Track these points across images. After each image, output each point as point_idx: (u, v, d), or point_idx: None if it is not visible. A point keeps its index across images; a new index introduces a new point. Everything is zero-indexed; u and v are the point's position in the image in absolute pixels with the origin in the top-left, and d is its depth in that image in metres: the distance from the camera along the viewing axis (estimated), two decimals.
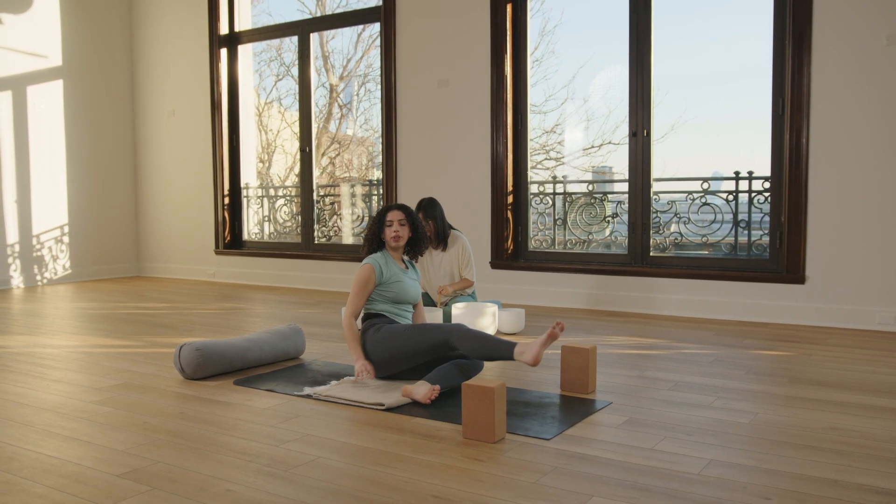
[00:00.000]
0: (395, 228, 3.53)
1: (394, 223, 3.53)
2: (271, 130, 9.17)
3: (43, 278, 7.53)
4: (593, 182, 6.12)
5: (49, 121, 7.56)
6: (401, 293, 3.50)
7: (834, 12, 4.78)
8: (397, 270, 3.53)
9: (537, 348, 2.98)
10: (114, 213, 8.22)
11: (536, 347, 2.98)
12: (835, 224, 4.86)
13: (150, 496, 2.14)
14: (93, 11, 7.91)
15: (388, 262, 3.52)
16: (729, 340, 4.42)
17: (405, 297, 3.53)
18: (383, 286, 3.48)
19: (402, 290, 3.51)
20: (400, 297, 3.51)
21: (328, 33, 8.14)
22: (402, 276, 3.54)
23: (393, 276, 3.49)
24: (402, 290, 3.51)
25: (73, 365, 3.88)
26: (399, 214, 3.56)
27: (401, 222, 3.55)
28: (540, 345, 2.98)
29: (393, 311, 3.51)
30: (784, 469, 2.32)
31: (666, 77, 5.64)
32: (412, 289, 3.57)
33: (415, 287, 3.60)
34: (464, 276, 4.79)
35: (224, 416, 2.93)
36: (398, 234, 3.53)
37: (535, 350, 2.98)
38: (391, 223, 3.54)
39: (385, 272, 3.48)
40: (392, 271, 3.51)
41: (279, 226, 7.81)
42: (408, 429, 2.75)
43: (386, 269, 3.49)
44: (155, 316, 5.49)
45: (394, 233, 3.53)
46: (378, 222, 3.57)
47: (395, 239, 3.53)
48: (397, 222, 3.54)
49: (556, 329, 2.96)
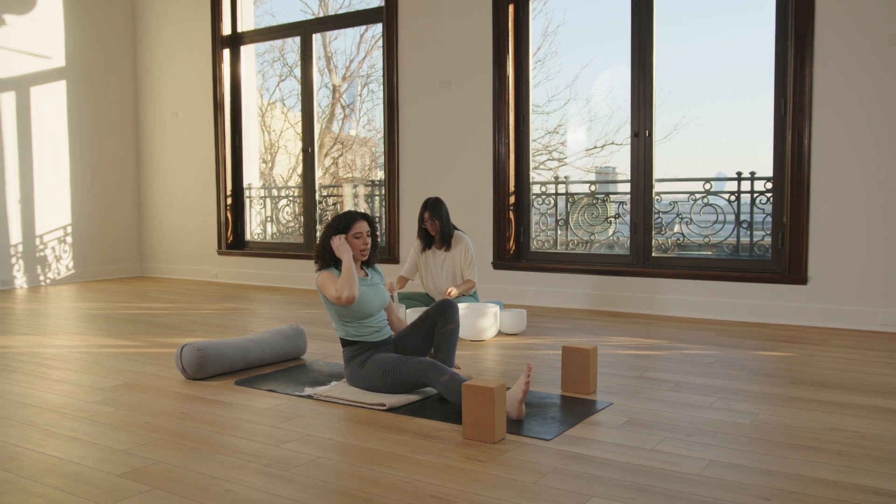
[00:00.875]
0: (364, 240, 3.32)
1: (363, 235, 3.32)
2: (274, 131, 9.17)
3: (46, 279, 7.55)
4: (595, 182, 6.12)
5: (52, 121, 7.58)
6: (364, 306, 3.26)
7: (836, 12, 4.77)
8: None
9: (518, 405, 2.81)
10: (117, 213, 8.24)
11: (517, 404, 2.81)
12: (837, 224, 4.85)
13: (149, 496, 2.14)
14: (96, 12, 7.93)
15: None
16: (730, 341, 4.41)
17: (369, 308, 3.29)
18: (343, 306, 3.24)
19: (365, 303, 3.27)
20: (364, 310, 3.26)
21: (331, 34, 8.15)
22: (362, 286, 3.31)
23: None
24: (365, 301, 3.27)
25: (75, 365, 3.89)
26: (366, 225, 3.34)
27: (368, 234, 3.34)
28: (519, 401, 2.80)
29: (364, 331, 3.29)
30: (784, 470, 2.31)
31: (669, 78, 5.64)
32: (376, 298, 3.34)
33: (378, 294, 3.37)
34: (466, 278, 4.78)
35: (225, 416, 2.94)
36: (368, 245, 3.34)
37: (518, 407, 2.81)
38: (360, 235, 3.31)
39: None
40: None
41: (282, 226, 7.82)
42: (408, 429, 2.75)
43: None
44: (157, 316, 5.50)
45: (364, 245, 3.32)
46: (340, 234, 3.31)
47: (364, 252, 3.34)
48: (366, 234, 3.33)
49: (527, 377, 2.81)
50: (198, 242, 8.02)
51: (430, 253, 4.88)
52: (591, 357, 3.25)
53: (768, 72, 5.10)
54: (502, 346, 4.33)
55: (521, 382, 2.81)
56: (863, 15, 4.70)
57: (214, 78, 7.71)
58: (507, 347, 4.28)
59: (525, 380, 2.80)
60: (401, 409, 2.99)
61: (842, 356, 3.99)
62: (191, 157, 8.02)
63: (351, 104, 9.03)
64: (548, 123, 6.63)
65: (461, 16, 6.19)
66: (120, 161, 8.25)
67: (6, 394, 3.31)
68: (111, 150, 8.15)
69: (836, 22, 4.77)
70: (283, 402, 3.13)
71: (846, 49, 4.76)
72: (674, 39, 5.66)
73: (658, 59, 5.53)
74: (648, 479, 2.24)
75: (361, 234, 3.32)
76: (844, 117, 4.79)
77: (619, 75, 5.84)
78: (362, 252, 3.33)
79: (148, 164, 8.37)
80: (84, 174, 7.87)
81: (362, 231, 3.32)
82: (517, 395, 2.81)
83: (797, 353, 4.06)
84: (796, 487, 2.17)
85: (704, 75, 5.77)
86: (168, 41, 8.09)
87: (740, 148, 5.57)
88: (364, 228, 3.33)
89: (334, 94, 8.97)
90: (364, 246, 3.32)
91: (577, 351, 3.24)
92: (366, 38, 8.43)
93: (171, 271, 8.26)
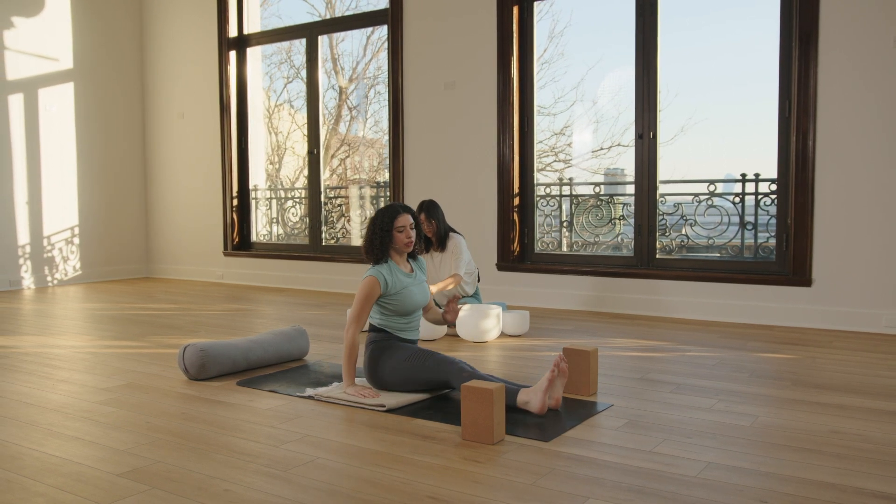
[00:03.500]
0: (407, 233, 3.29)
1: (406, 228, 3.29)
2: (281, 132, 9.21)
3: (53, 279, 7.60)
4: (600, 184, 6.11)
5: (60, 123, 7.63)
6: (406, 302, 3.26)
7: (841, 14, 4.76)
8: (403, 278, 3.29)
9: (541, 396, 2.87)
10: (124, 214, 8.28)
11: (540, 395, 2.87)
12: (841, 226, 4.83)
13: (148, 495, 2.16)
14: (103, 14, 7.98)
15: (392, 271, 3.27)
16: (734, 343, 4.40)
17: (412, 305, 3.29)
18: (387, 298, 3.24)
19: (409, 299, 3.27)
20: (406, 307, 3.27)
21: (338, 36, 8.18)
22: (409, 282, 3.30)
23: (398, 286, 3.25)
24: (409, 298, 3.27)
25: (79, 365, 3.91)
26: (409, 218, 3.32)
27: (412, 227, 3.32)
28: (543, 391, 2.87)
29: (397, 325, 3.29)
30: (782, 472, 2.31)
31: (675, 80, 5.63)
32: (419, 295, 3.33)
33: (422, 291, 3.36)
34: (452, 272, 4.77)
35: (226, 417, 2.95)
36: (412, 239, 3.31)
37: (542, 399, 2.87)
38: (403, 229, 3.29)
39: (391, 284, 3.24)
40: (398, 281, 3.26)
41: (288, 227, 7.84)
42: (407, 430, 2.76)
43: (391, 280, 3.24)
44: (162, 317, 5.52)
45: (408, 238, 3.29)
46: (386, 229, 3.29)
47: (409, 245, 3.31)
48: (409, 227, 3.31)
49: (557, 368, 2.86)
50: (204, 243, 8.06)
51: (427, 256, 4.89)
52: (592, 359, 3.25)
53: (773, 74, 5.09)
54: (504, 347, 4.33)
55: (550, 372, 2.89)
56: (867, 16, 4.68)
57: (221, 80, 7.75)
58: (510, 349, 4.28)
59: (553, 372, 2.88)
60: (400, 410, 3.00)
61: (845, 358, 3.97)
62: (197, 159, 8.05)
63: (358, 106, 9.06)
64: (554, 125, 6.64)
65: (466, 17, 6.20)
66: (127, 162, 8.30)
67: (10, 393, 3.34)
68: (118, 152, 8.20)
69: (841, 24, 4.76)
70: (284, 403, 3.15)
71: (850, 51, 4.74)
72: (681, 43, 5.66)
73: (665, 62, 5.53)
74: (646, 481, 2.24)
75: (404, 228, 3.30)
76: (849, 119, 4.77)
77: (625, 77, 5.83)
78: (406, 245, 3.31)
79: (154, 165, 8.41)
80: (91, 175, 7.92)
81: (405, 224, 3.30)
82: (542, 386, 2.88)
83: (800, 356, 4.04)
84: (794, 490, 2.17)
85: (710, 78, 5.77)
86: (175, 43, 8.12)
87: (745, 150, 5.56)
88: (407, 222, 3.31)
89: (341, 96, 9.00)
90: (408, 239, 3.30)
91: (578, 353, 3.24)
92: (372, 40, 8.46)
93: (178, 272, 8.29)
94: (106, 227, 8.08)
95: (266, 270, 7.60)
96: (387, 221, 3.30)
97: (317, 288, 7.18)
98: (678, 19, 5.60)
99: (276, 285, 7.49)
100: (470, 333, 4.44)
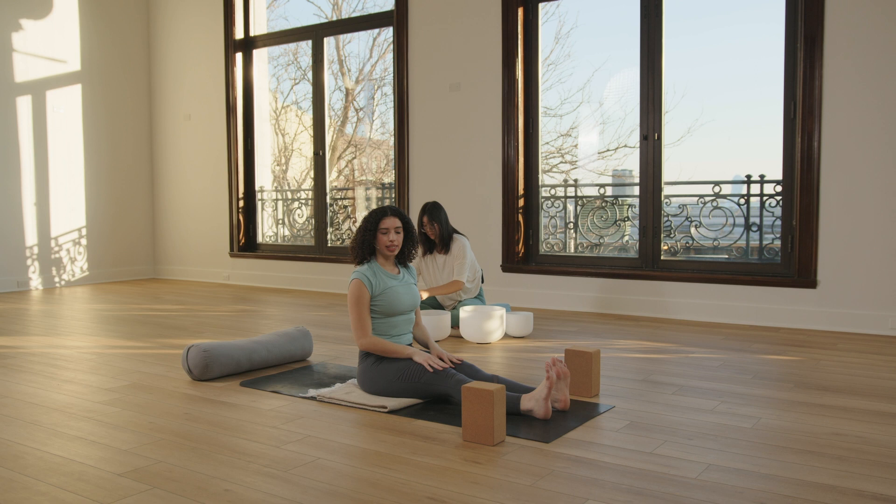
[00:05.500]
0: (391, 237, 3.24)
1: (390, 231, 3.25)
2: (288, 134, 9.23)
3: (61, 280, 7.64)
4: (604, 186, 6.10)
5: (68, 125, 7.67)
6: (394, 303, 3.22)
7: (845, 17, 4.74)
8: (387, 279, 3.25)
9: (544, 404, 2.85)
10: (131, 215, 8.32)
11: (543, 403, 2.85)
12: (846, 228, 4.82)
13: (148, 495, 2.17)
14: (111, 17, 8.02)
15: (376, 273, 3.24)
16: (738, 345, 4.39)
17: (399, 306, 3.24)
18: (373, 299, 3.21)
19: (395, 300, 3.23)
20: (393, 307, 3.22)
21: (344, 38, 8.20)
22: (394, 283, 3.27)
23: (381, 287, 3.21)
24: (395, 298, 3.23)
25: (84, 365, 3.94)
26: (395, 221, 3.27)
27: (397, 230, 3.27)
28: (545, 398, 2.85)
29: (387, 328, 3.25)
30: (782, 474, 2.30)
31: (681, 82, 5.63)
32: (407, 296, 3.28)
33: (410, 293, 3.31)
34: (454, 277, 4.77)
35: (228, 417, 2.96)
36: (394, 242, 3.26)
37: (545, 406, 2.85)
38: (387, 231, 3.24)
39: (374, 284, 3.21)
40: (381, 281, 3.23)
41: (294, 229, 7.86)
42: (408, 431, 2.77)
43: (375, 281, 3.21)
44: (168, 318, 5.55)
45: (389, 241, 3.24)
46: (370, 230, 3.26)
47: (391, 248, 3.26)
48: (393, 230, 3.26)
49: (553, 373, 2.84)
50: (210, 245, 8.09)
51: (430, 257, 4.90)
52: (594, 360, 3.25)
53: (778, 77, 5.07)
54: (508, 348, 4.33)
55: (546, 378, 2.87)
56: (872, 20, 4.66)
57: (227, 81, 7.78)
58: (513, 350, 4.29)
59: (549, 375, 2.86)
60: (402, 411, 3.01)
61: (849, 360, 3.96)
62: (204, 160, 8.08)
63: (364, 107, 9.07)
64: (560, 126, 6.64)
65: (471, 19, 6.20)
66: (134, 164, 8.34)
67: (15, 393, 3.36)
68: (125, 153, 8.24)
69: (846, 27, 4.74)
70: (287, 404, 3.16)
71: (855, 53, 4.73)
72: (687, 45, 5.65)
73: (670, 64, 5.52)
74: (646, 483, 2.24)
75: (388, 230, 3.25)
76: (854, 120, 4.76)
77: (631, 78, 5.83)
78: (388, 248, 3.26)
79: (161, 166, 8.45)
80: (98, 177, 7.96)
81: (389, 227, 3.25)
82: (543, 392, 2.85)
83: (804, 358, 4.03)
84: (794, 492, 2.17)
85: (716, 80, 5.76)
86: (182, 45, 8.16)
87: (750, 151, 5.54)
88: (392, 224, 3.25)
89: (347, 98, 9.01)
90: (389, 242, 3.25)
91: (580, 354, 3.24)
92: (378, 42, 8.48)
93: (184, 273, 8.32)
94: (113, 228, 8.12)
95: (272, 272, 7.62)
96: (372, 222, 3.28)
97: (322, 289, 7.20)
98: (683, 22, 5.59)
99: (281, 286, 7.51)
100: (473, 335, 4.45)
